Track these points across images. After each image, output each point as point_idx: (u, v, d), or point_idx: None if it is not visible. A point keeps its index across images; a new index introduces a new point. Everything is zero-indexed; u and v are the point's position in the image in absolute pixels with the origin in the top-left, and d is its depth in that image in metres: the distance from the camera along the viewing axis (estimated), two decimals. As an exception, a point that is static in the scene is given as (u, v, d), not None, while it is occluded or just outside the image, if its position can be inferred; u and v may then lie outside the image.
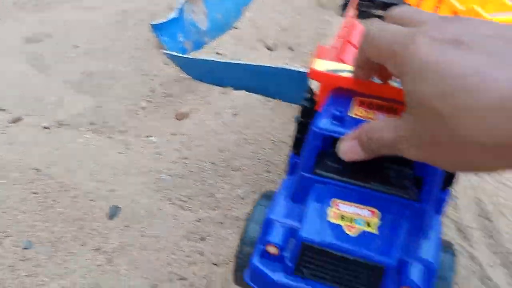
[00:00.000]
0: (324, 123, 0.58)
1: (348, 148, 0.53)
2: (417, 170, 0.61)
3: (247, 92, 1.22)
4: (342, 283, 0.56)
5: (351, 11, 0.94)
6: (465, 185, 1.06)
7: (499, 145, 0.38)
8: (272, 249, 0.59)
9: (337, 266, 0.56)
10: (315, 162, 0.62)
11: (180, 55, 1.27)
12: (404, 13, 0.50)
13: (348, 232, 0.55)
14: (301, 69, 1.14)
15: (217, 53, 1.45)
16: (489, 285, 0.86)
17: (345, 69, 0.62)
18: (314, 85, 0.68)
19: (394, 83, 0.60)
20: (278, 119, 1.16)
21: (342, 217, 0.57)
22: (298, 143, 0.72)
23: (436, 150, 0.43)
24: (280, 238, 0.58)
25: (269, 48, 1.67)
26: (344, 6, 1.97)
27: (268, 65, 1.19)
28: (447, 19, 0.45)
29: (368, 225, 0.56)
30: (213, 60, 1.23)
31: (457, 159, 0.42)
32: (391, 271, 0.54)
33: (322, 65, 0.62)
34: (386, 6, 1.80)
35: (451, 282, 0.61)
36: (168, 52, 1.26)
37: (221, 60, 1.22)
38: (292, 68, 1.14)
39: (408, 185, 0.60)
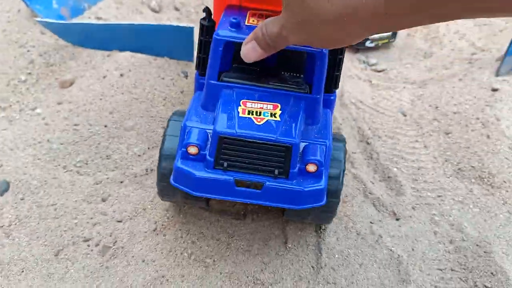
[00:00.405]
0: (224, 31, 0.68)
1: (250, 49, 0.60)
2: (307, 76, 0.75)
3: (132, 53, 1.20)
4: (257, 168, 0.66)
5: None
6: (348, 117, 1.17)
7: (338, 18, 0.47)
8: (192, 149, 0.67)
9: (251, 153, 0.65)
10: (220, 70, 0.71)
11: (56, 21, 1.21)
12: None
13: (257, 123, 0.66)
14: (186, 25, 1.14)
15: (98, 18, 1.40)
16: (372, 198, 0.97)
17: None
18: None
19: None
20: (167, 76, 1.17)
21: (250, 112, 0.67)
22: (201, 63, 0.80)
23: (306, 32, 0.52)
24: (198, 138, 0.67)
25: (154, 10, 1.65)
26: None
27: (152, 24, 1.18)
28: None
29: (273, 115, 0.67)
30: (93, 24, 1.19)
31: (320, 36, 0.52)
32: (296, 150, 0.65)
33: None
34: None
35: (343, 162, 0.75)
36: (42, 20, 1.20)
37: (102, 23, 1.19)
38: (177, 24, 1.15)
39: (301, 83, 0.74)
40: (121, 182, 0.94)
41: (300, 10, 0.50)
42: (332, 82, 0.78)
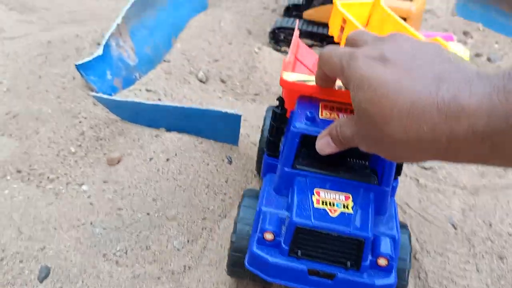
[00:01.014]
0: (300, 124, 0.73)
1: (324, 143, 0.66)
2: (372, 163, 0.78)
3: (179, 134, 1.22)
4: (330, 259, 0.69)
5: (296, 33, 1.10)
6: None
7: (413, 141, 0.48)
8: (269, 236, 0.70)
9: (326, 244, 0.68)
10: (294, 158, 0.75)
11: (108, 97, 1.25)
12: (352, 35, 0.64)
13: (331, 214, 0.68)
14: (234, 112, 1.16)
15: (148, 90, 1.45)
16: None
17: (307, 79, 0.77)
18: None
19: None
20: (212, 162, 1.18)
21: (324, 203, 0.70)
22: (272, 145, 0.87)
23: (377, 144, 0.55)
24: (274, 225, 0.71)
25: (201, 81, 1.69)
26: (271, 34, 2.03)
27: (200, 108, 1.20)
28: (381, 39, 0.58)
29: (345, 207, 0.70)
30: (143, 103, 1.22)
31: (392, 152, 0.54)
32: (368, 244, 0.68)
33: (289, 76, 0.78)
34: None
35: (409, 252, 0.78)
36: (95, 94, 1.24)
37: (151, 102, 1.22)
38: (225, 110, 1.16)
39: (370, 174, 0.76)
40: (158, 278, 0.94)
41: (373, 131, 0.53)
42: (396, 170, 0.79)
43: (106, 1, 2.52)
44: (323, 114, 0.74)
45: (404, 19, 1.79)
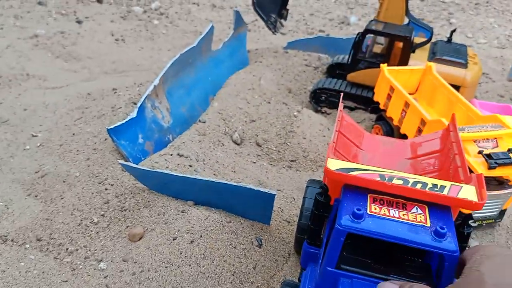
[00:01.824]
0: (346, 222, 0.65)
1: None
2: (427, 258, 0.69)
3: (206, 211, 1.14)
4: None
5: (340, 106, 0.99)
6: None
7: None
8: None
9: None
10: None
11: (136, 166, 1.19)
12: None
13: None
14: (267, 191, 1.07)
15: (179, 155, 1.38)
16: None
17: (353, 167, 0.71)
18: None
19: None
20: (240, 245, 1.07)
21: None
22: (313, 234, 0.80)
23: None
24: None
25: (235, 142, 1.62)
26: (312, 94, 1.95)
27: (231, 184, 1.12)
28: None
29: None
30: (171, 174, 1.15)
31: None
32: None
33: (334, 165, 0.71)
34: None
35: None
36: (123, 163, 1.18)
37: (180, 175, 1.15)
38: (258, 189, 1.07)
39: (424, 275, 0.67)
40: None
41: None
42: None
43: (149, 52, 2.54)
44: (372, 209, 0.67)
45: (458, 88, 1.67)
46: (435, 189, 0.67)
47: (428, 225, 0.65)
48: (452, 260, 0.62)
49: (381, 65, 1.56)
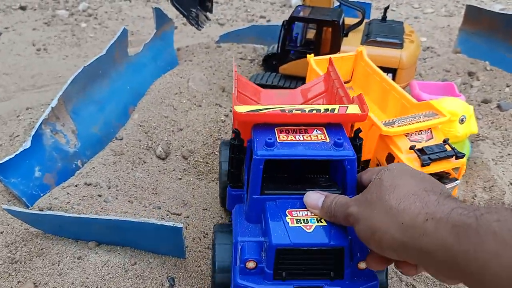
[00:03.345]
0: (262, 151, 0.74)
1: (315, 202, 0.73)
2: (333, 175, 0.83)
3: (106, 255, 0.98)
4: (314, 273, 0.71)
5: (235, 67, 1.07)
6: None
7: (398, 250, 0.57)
8: (251, 264, 0.71)
9: (307, 260, 0.70)
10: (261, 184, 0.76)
11: (22, 210, 1.01)
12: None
13: (307, 231, 0.70)
14: (173, 224, 0.92)
15: (87, 184, 1.21)
16: None
17: (257, 108, 0.80)
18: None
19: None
20: (146, 291, 0.93)
21: (298, 221, 0.72)
22: (234, 177, 0.91)
23: (367, 240, 0.63)
24: (254, 253, 0.72)
25: (160, 157, 1.45)
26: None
27: (132, 220, 0.96)
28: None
29: (319, 221, 0.72)
30: (66, 216, 0.99)
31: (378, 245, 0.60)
32: (347, 251, 0.69)
33: (242, 109, 0.79)
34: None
35: None
36: (8, 207, 1.01)
37: (73, 215, 0.98)
38: (162, 223, 0.92)
39: (333, 185, 0.80)
40: None
41: (369, 233, 0.60)
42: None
43: (74, 60, 2.33)
44: (281, 137, 0.77)
45: (394, 70, 1.53)
46: (328, 111, 0.79)
47: (328, 140, 0.77)
48: (352, 164, 0.74)
49: (308, 56, 1.41)
